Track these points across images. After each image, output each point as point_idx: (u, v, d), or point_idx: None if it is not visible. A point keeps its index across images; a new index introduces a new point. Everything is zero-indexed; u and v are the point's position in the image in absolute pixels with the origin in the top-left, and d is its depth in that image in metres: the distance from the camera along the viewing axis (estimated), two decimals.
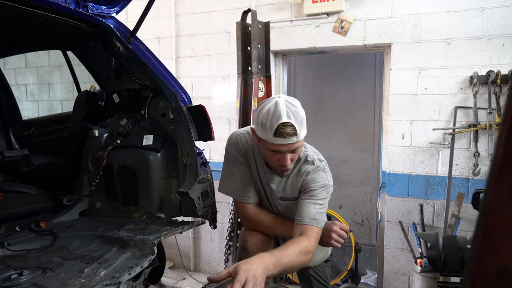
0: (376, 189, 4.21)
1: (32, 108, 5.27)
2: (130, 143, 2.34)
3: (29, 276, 1.59)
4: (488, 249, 0.37)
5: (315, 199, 1.61)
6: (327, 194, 1.65)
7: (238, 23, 2.91)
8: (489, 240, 0.37)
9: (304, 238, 1.52)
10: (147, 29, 3.68)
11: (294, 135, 1.48)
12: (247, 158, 1.75)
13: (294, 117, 1.47)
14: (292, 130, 1.47)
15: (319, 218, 1.59)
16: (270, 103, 1.51)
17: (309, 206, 1.59)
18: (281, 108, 1.47)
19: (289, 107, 1.49)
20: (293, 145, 1.51)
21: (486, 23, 2.74)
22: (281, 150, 1.52)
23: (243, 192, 1.75)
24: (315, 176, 1.64)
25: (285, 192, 1.73)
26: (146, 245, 1.81)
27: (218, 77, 3.67)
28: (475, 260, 0.38)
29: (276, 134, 1.47)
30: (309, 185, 1.64)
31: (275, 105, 1.49)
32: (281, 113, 1.46)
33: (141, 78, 2.32)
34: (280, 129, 1.46)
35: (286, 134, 1.47)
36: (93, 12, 2.05)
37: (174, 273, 3.82)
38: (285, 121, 1.45)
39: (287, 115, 1.46)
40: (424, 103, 2.95)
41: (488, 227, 0.37)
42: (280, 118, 1.46)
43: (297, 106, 1.51)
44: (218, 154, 3.69)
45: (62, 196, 2.46)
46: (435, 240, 1.13)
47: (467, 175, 2.86)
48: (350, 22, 3.10)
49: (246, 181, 1.75)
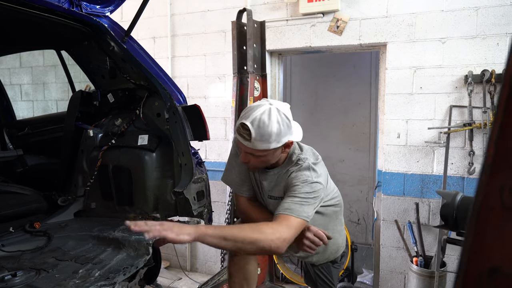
0: (372, 188, 4.22)
1: (27, 108, 5.24)
2: (125, 143, 2.33)
3: (23, 277, 1.58)
4: (480, 249, 0.37)
5: (294, 194, 1.55)
6: (310, 189, 1.56)
7: (234, 22, 2.91)
8: (481, 240, 0.37)
9: (267, 222, 1.51)
10: (142, 29, 3.67)
11: (247, 140, 1.50)
12: None
13: (258, 127, 1.47)
14: (247, 135, 1.49)
15: (293, 208, 1.50)
16: (257, 103, 1.55)
17: (285, 200, 1.55)
18: (255, 112, 1.48)
19: (263, 116, 1.47)
20: (246, 147, 1.53)
21: (480, 22, 2.75)
22: (239, 145, 1.59)
23: (239, 185, 1.80)
24: (297, 174, 1.61)
25: (274, 191, 1.74)
26: (141, 245, 1.80)
27: (214, 76, 3.66)
28: (467, 259, 0.38)
29: (237, 130, 1.54)
30: (291, 181, 1.61)
31: (256, 106, 1.52)
32: (249, 116, 1.48)
33: (136, 78, 2.31)
34: (239, 128, 1.52)
35: (239, 135, 1.52)
36: (87, 11, 2.04)
37: (170, 273, 3.81)
38: (246, 123, 1.48)
39: (252, 121, 1.47)
40: (419, 102, 2.96)
41: (479, 226, 0.37)
42: (246, 118, 1.49)
43: (272, 120, 1.46)
44: (214, 154, 3.68)
45: (56, 196, 2.45)
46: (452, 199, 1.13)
47: (462, 173, 2.87)
48: (345, 22, 3.10)
49: (242, 175, 1.79)
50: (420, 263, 2.86)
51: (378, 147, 3.31)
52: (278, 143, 1.52)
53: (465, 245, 0.38)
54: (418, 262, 2.86)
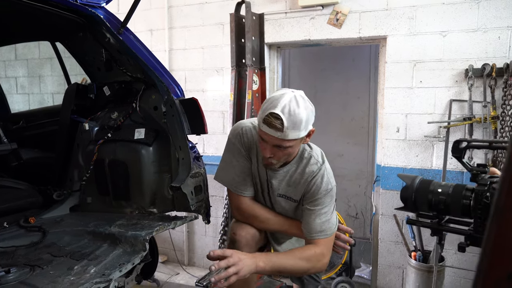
0: (370, 182, 4.21)
1: (22, 101, 5.18)
2: (121, 137, 2.29)
3: (17, 274, 1.55)
4: (500, 252, 0.34)
5: (319, 209, 1.62)
6: (331, 198, 1.65)
7: (232, 14, 2.86)
8: (502, 243, 0.34)
9: (311, 246, 1.61)
10: (139, 21, 3.62)
11: (279, 130, 1.43)
12: (250, 152, 1.71)
13: (288, 114, 1.42)
14: (279, 124, 1.42)
15: (326, 228, 1.62)
16: (280, 92, 1.49)
17: (314, 219, 1.62)
18: (282, 101, 1.43)
19: (291, 103, 1.43)
20: (276, 139, 1.47)
21: (481, 15, 2.72)
22: (265, 138, 1.50)
23: (240, 184, 1.73)
24: (318, 181, 1.63)
25: (286, 190, 1.70)
26: (138, 241, 1.77)
27: (212, 69, 3.62)
28: (486, 263, 0.35)
29: (264, 122, 1.45)
30: (312, 192, 1.63)
31: (280, 95, 1.46)
32: (278, 104, 1.43)
33: (132, 70, 2.27)
34: (268, 117, 1.43)
35: (271, 125, 1.43)
36: (82, 1, 1.99)
37: (168, 268, 3.79)
38: (277, 112, 1.42)
39: (282, 109, 1.42)
40: (419, 96, 2.93)
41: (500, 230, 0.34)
42: (274, 108, 1.43)
43: (300, 106, 1.44)
44: (212, 148, 3.65)
45: (52, 191, 2.41)
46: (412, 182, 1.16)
47: (462, 168, 2.85)
48: (345, 14, 3.06)
49: (245, 174, 1.72)
50: (419, 257, 2.85)
51: (377, 141, 3.29)
52: (305, 131, 1.49)
53: (485, 248, 0.35)
54: (416, 257, 2.85)
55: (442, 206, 1.11)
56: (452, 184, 1.16)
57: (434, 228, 1.17)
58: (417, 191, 1.15)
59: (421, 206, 1.15)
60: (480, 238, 1.06)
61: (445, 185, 1.14)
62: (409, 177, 1.22)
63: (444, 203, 1.10)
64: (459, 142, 1.18)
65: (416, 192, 1.15)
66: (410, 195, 1.15)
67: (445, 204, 1.10)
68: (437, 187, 1.13)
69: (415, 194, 1.15)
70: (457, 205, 1.09)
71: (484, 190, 1.04)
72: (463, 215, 1.10)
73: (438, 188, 1.12)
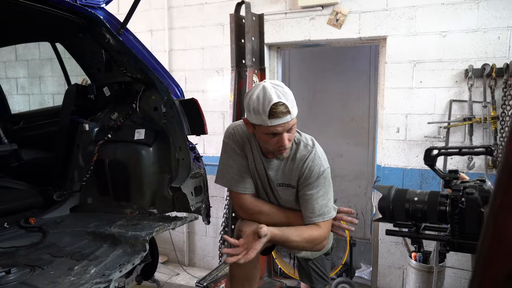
0: (370, 182, 4.21)
1: (23, 102, 5.18)
2: (121, 138, 2.29)
3: (17, 274, 1.55)
4: (497, 253, 0.35)
5: (315, 192, 1.67)
6: (324, 180, 1.69)
7: (232, 15, 2.86)
8: (499, 243, 0.34)
9: (315, 228, 1.67)
10: (139, 22, 3.62)
11: (288, 113, 1.53)
12: (244, 149, 1.76)
13: (284, 97, 1.52)
14: (285, 109, 1.51)
15: (324, 211, 1.67)
16: (258, 89, 1.55)
17: (312, 203, 1.67)
18: (270, 91, 1.52)
19: (277, 88, 1.54)
20: (288, 124, 1.55)
21: (481, 15, 2.72)
22: (278, 131, 1.55)
23: (240, 183, 1.76)
24: (310, 165, 1.67)
25: (283, 178, 1.74)
26: (138, 241, 1.77)
27: (212, 70, 3.62)
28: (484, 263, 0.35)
29: (271, 116, 1.51)
30: (305, 176, 1.67)
31: (263, 89, 1.53)
32: (271, 95, 1.51)
33: (132, 71, 2.27)
34: (273, 109, 1.50)
35: (280, 113, 1.51)
36: (81, 2, 1.99)
37: (168, 268, 3.79)
38: (276, 101, 1.50)
39: (277, 96, 1.51)
40: (419, 96, 2.93)
41: (497, 230, 0.34)
42: (271, 100, 1.50)
43: (283, 87, 1.56)
44: (212, 148, 3.65)
45: (52, 191, 2.42)
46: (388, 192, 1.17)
47: (462, 168, 2.85)
48: (345, 15, 3.06)
49: (243, 172, 1.75)
50: (419, 258, 2.85)
51: (377, 141, 3.29)
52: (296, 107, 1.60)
53: (481, 249, 0.35)
54: (416, 257, 2.85)
55: (419, 214, 1.12)
56: (427, 191, 1.17)
57: (413, 237, 1.18)
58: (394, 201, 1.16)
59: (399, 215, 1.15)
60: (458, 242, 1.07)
61: (421, 193, 1.15)
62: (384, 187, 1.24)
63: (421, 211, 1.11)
64: (430, 150, 1.19)
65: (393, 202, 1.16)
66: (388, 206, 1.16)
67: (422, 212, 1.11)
68: (413, 196, 1.14)
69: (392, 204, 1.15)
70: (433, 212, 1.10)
71: (459, 196, 1.05)
72: (440, 221, 1.11)
73: (414, 197, 1.13)
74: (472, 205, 1.04)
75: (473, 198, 1.03)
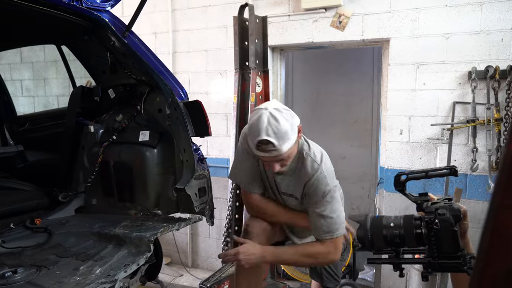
0: (374, 185, 4.20)
1: (27, 104, 5.22)
2: (126, 139, 2.31)
3: (24, 274, 1.57)
4: (496, 250, 0.36)
5: (322, 210, 1.67)
6: (331, 198, 1.68)
7: (236, 17, 2.88)
8: (498, 241, 0.35)
9: (316, 244, 1.71)
10: (143, 24, 3.65)
11: (273, 151, 1.51)
12: None
13: (273, 133, 1.49)
14: (272, 147, 1.50)
15: (332, 228, 1.68)
16: (255, 115, 1.54)
17: (319, 221, 1.68)
18: (262, 125, 1.49)
19: (270, 121, 1.49)
20: (275, 158, 1.55)
21: (485, 17, 2.72)
22: (266, 160, 1.59)
23: (249, 184, 1.84)
24: (315, 184, 1.67)
25: (287, 188, 1.78)
26: (143, 242, 1.79)
27: (216, 72, 3.64)
28: (483, 261, 0.36)
29: (257, 149, 1.53)
30: (311, 194, 1.69)
31: (257, 119, 1.52)
32: (260, 130, 1.49)
33: (137, 73, 2.29)
34: (259, 145, 1.51)
35: (265, 150, 1.51)
36: (87, 5, 2.01)
37: (172, 270, 3.80)
38: (263, 138, 1.48)
39: (266, 132, 1.48)
40: (422, 98, 2.94)
41: (496, 228, 0.35)
42: (259, 135, 1.49)
43: (279, 120, 1.51)
44: (216, 150, 3.67)
45: (57, 192, 2.44)
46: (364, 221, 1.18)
47: (465, 170, 2.85)
48: (348, 17, 3.07)
49: (253, 173, 1.82)
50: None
51: (381, 143, 3.29)
52: (294, 134, 1.55)
53: (481, 246, 0.36)
54: None
55: (397, 240, 1.13)
56: (401, 216, 1.18)
57: (394, 263, 1.18)
58: (372, 228, 1.17)
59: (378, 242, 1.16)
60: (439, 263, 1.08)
61: (396, 218, 1.16)
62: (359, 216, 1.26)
63: (399, 236, 1.12)
64: (398, 176, 1.21)
65: (371, 230, 1.17)
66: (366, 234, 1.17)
67: (400, 237, 1.12)
68: (389, 222, 1.15)
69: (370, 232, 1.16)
70: (411, 235, 1.11)
71: (432, 218, 1.07)
72: (418, 244, 1.12)
73: (391, 223, 1.15)
74: (446, 225, 1.05)
75: (445, 219, 1.05)
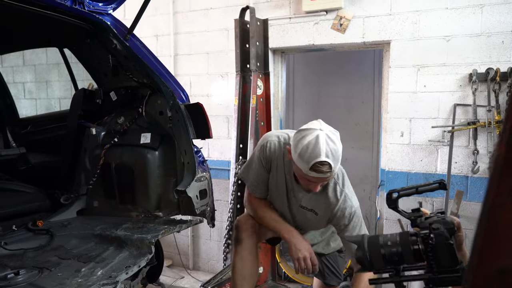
0: (375, 187, 4.20)
1: (30, 106, 5.24)
2: (127, 141, 2.33)
3: (26, 276, 1.58)
4: (489, 249, 0.36)
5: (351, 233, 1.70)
6: (357, 218, 1.73)
7: (237, 20, 2.90)
8: (491, 240, 0.36)
9: None
10: (145, 27, 3.66)
11: (329, 172, 1.52)
12: (270, 164, 1.82)
13: (332, 156, 1.49)
14: (329, 169, 1.50)
15: None
16: (311, 135, 1.51)
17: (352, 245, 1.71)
18: (321, 146, 1.48)
19: (329, 144, 1.50)
20: (326, 179, 1.58)
21: (485, 20, 2.72)
22: (313, 181, 1.58)
23: (254, 186, 1.88)
24: (342, 208, 1.71)
25: (308, 203, 1.79)
26: (144, 244, 1.80)
27: (217, 75, 3.65)
28: (477, 260, 0.37)
29: (312, 169, 1.50)
30: (338, 218, 1.72)
31: (315, 139, 1.49)
32: (320, 151, 1.47)
33: (138, 76, 2.30)
34: (317, 166, 1.49)
35: (322, 172, 1.50)
36: (89, 9, 2.03)
37: (173, 272, 3.81)
38: (323, 160, 1.47)
39: (326, 154, 1.48)
40: (423, 100, 2.94)
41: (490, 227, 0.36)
42: (318, 156, 1.47)
43: (336, 142, 1.52)
44: (217, 152, 3.68)
45: (59, 194, 2.45)
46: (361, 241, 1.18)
47: (466, 173, 2.85)
48: (349, 19, 3.08)
49: (259, 180, 1.85)
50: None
51: (381, 146, 3.29)
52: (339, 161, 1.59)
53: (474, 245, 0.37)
54: None
55: (396, 258, 1.13)
56: (396, 233, 1.18)
57: (395, 281, 1.18)
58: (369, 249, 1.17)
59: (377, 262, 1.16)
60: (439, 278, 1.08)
61: (392, 235, 1.17)
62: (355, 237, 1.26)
63: (397, 254, 1.12)
64: (390, 194, 1.21)
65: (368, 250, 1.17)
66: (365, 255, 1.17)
67: (398, 255, 1.12)
68: (386, 240, 1.15)
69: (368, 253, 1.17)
70: (408, 252, 1.11)
71: (427, 233, 1.07)
72: (416, 260, 1.12)
73: (388, 241, 1.15)
74: (441, 239, 1.06)
75: (440, 233, 1.05)
